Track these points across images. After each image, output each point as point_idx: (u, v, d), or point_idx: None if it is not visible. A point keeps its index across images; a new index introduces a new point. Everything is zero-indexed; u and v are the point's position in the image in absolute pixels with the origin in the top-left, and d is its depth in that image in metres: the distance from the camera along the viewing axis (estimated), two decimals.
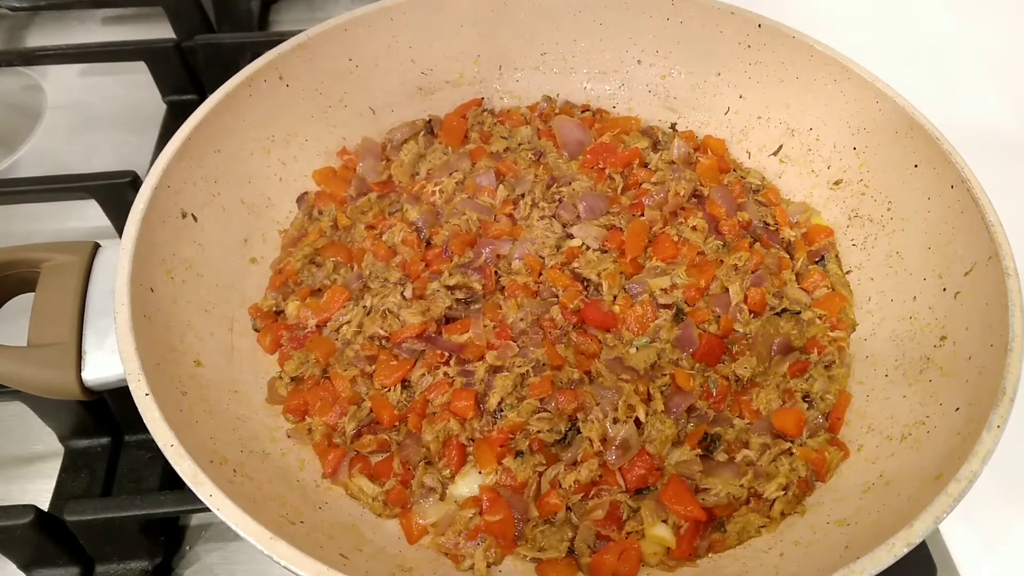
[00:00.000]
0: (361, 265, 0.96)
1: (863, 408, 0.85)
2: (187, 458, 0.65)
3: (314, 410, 0.85)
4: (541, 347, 0.86)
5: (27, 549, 0.79)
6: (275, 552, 0.61)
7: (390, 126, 1.12)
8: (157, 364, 0.74)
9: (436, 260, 0.95)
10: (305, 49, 1.01)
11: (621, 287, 0.92)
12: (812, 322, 0.92)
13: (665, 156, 1.06)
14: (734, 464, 0.81)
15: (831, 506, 0.77)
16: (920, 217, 0.90)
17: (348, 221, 1.01)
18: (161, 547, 0.84)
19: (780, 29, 1.02)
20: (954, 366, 0.78)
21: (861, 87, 0.96)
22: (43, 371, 0.75)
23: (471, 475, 0.81)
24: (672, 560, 0.76)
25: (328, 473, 0.82)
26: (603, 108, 1.16)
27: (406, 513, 0.79)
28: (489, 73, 1.15)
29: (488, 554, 0.76)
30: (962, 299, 0.82)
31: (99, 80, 1.40)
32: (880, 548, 0.61)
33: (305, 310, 0.92)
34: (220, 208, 0.94)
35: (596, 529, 0.77)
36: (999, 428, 0.67)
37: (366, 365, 0.87)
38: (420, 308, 0.89)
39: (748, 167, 1.10)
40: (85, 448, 0.90)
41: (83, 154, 1.28)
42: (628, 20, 1.11)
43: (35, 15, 1.52)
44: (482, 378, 0.84)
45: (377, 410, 0.85)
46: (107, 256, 0.83)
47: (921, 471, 0.71)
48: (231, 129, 0.95)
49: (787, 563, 0.72)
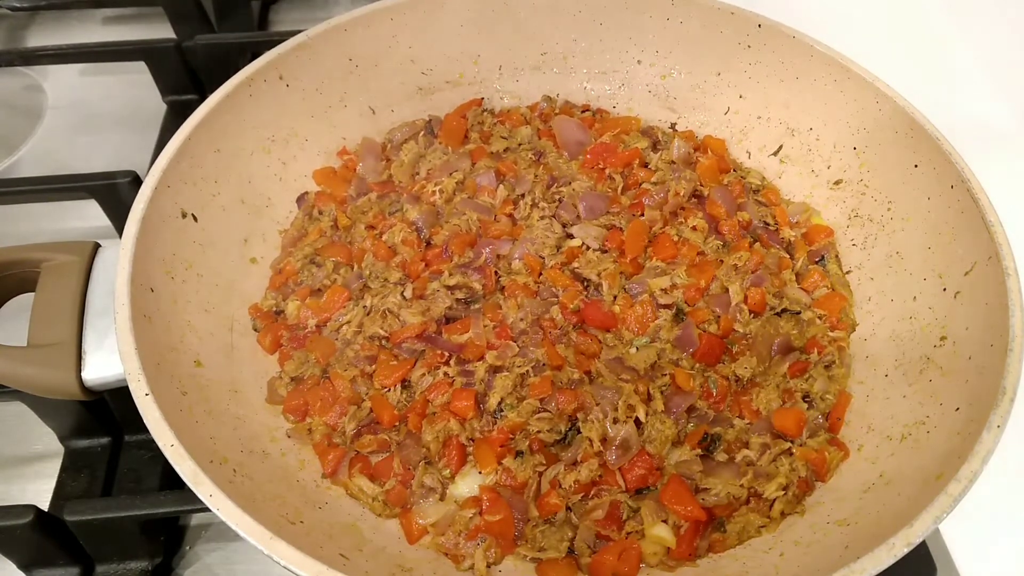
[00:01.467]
0: (361, 265, 0.96)
1: (863, 408, 0.85)
2: (187, 458, 0.65)
3: (314, 410, 0.85)
4: (541, 347, 0.86)
5: (27, 549, 0.79)
6: (275, 552, 0.61)
7: (390, 126, 1.12)
8: (157, 364, 0.74)
9: (436, 260, 0.95)
10: (305, 49, 1.01)
11: (621, 287, 0.92)
12: (812, 322, 0.92)
13: (665, 156, 1.06)
14: (734, 464, 0.80)
15: (831, 506, 0.77)
16: (920, 217, 0.90)
17: (348, 221, 1.01)
18: (161, 547, 0.84)
19: (780, 29, 1.02)
20: (954, 366, 0.78)
21: (861, 87, 0.96)
22: (43, 371, 0.75)
23: (471, 475, 0.81)
24: (672, 560, 0.76)
25: (328, 473, 0.82)
26: (603, 108, 1.16)
27: (406, 513, 0.79)
28: (489, 73, 1.16)
29: (488, 554, 0.76)
30: (962, 299, 0.82)
31: (99, 80, 1.40)
32: (880, 548, 0.61)
33: (305, 310, 0.92)
34: (220, 208, 0.94)
35: (596, 529, 0.77)
36: (999, 428, 0.67)
37: (366, 365, 0.87)
38: (420, 308, 0.89)
39: (748, 167, 1.10)
40: (85, 448, 0.90)
41: (83, 154, 1.28)
42: (628, 20, 1.11)
43: (35, 15, 1.52)
44: (482, 378, 0.84)
45: (377, 410, 0.85)
46: (107, 256, 0.83)
47: (921, 471, 0.71)
48: (231, 129, 0.95)
49: (787, 563, 0.72)
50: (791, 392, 0.87)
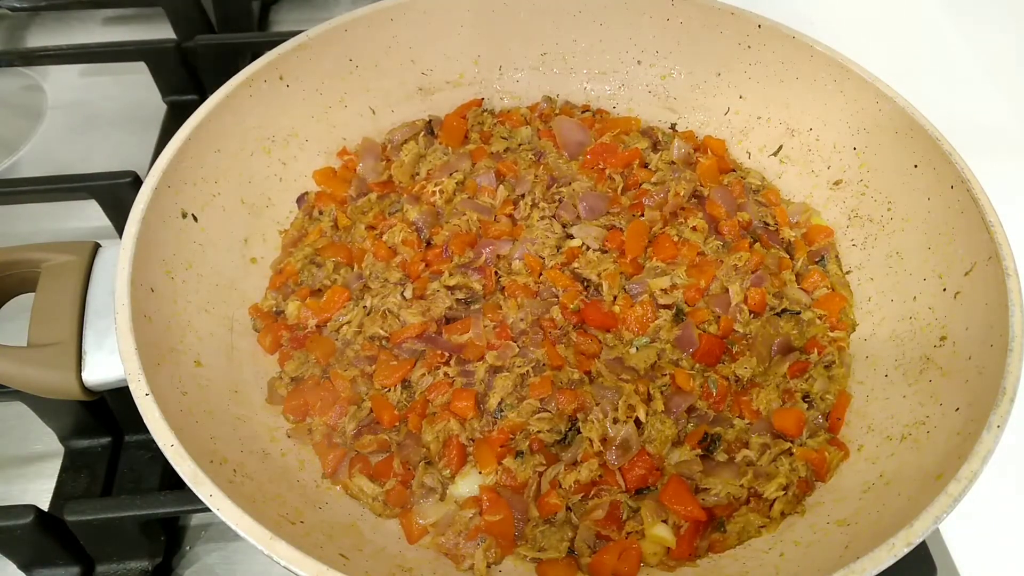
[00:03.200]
0: (361, 265, 0.96)
1: (863, 408, 0.85)
2: (187, 458, 0.65)
3: (314, 410, 0.85)
4: (541, 347, 0.86)
5: (27, 549, 0.79)
6: (275, 552, 0.61)
7: (390, 126, 1.12)
8: (157, 364, 0.74)
9: (436, 260, 0.95)
10: (305, 49, 1.01)
11: (621, 287, 0.92)
12: (812, 322, 0.92)
13: (665, 156, 1.06)
14: (734, 464, 0.80)
15: (831, 506, 0.77)
16: (920, 217, 0.90)
17: (348, 221, 1.02)
18: (161, 547, 0.84)
19: (780, 29, 1.02)
20: (954, 366, 0.78)
21: (861, 87, 0.97)
22: (43, 371, 0.75)
23: (471, 475, 0.81)
24: (672, 560, 0.76)
25: (328, 473, 0.82)
26: (603, 108, 1.16)
27: (406, 513, 0.79)
28: (489, 73, 1.16)
29: (488, 554, 0.76)
30: (962, 299, 0.82)
31: (100, 80, 1.40)
32: (880, 548, 0.61)
33: (305, 310, 0.92)
34: (220, 208, 0.94)
35: (596, 529, 0.77)
36: (999, 428, 0.67)
37: (366, 365, 0.87)
38: (420, 308, 0.89)
39: (748, 167, 1.10)
40: (85, 448, 0.90)
41: (83, 154, 1.28)
42: (628, 20, 1.11)
43: (35, 15, 1.52)
44: (482, 378, 0.84)
45: (377, 411, 0.85)
46: (107, 256, 0.83)
47: (921, 471, 0.71)
48: (231, 129, 0.95)
49: (787, 563, 0.72)
50: (791, 392, 0.87)
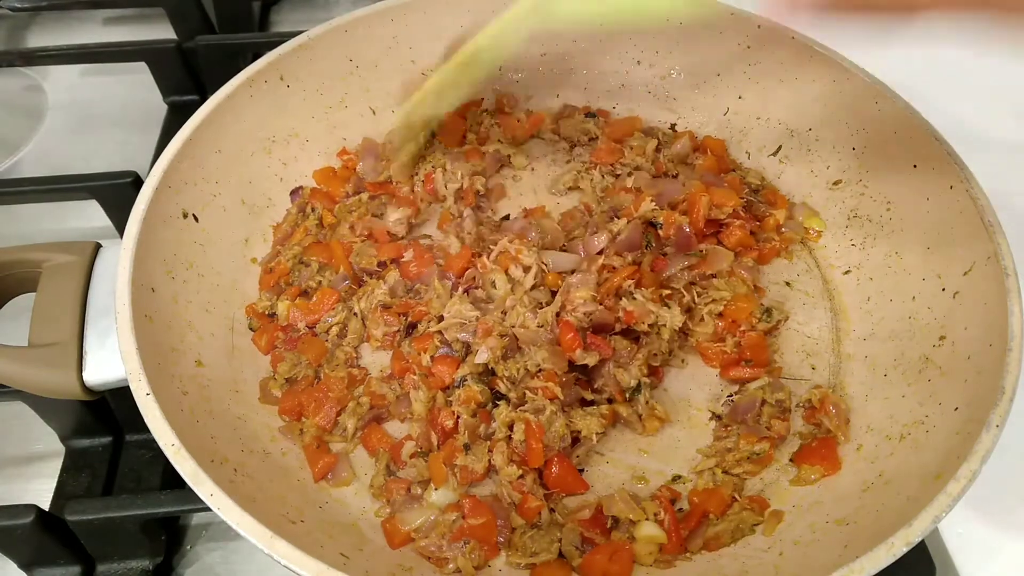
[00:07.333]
0: (345, 266, 0.95)
1: (863, 408, 0.85)
2: (188, 458, 0.65)
3: (307, 412, 0.85)
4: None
5: (28, 549, 0.79)
6: (276, 551, 0.61)
7: (390, 126, 1.12)
8: (158, 364, 0.74)
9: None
10: (306, 50, 1.01)
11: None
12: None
13: (665, 156, 1.06)
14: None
15: (831, 505, 0.77)
16: (919, 217, 0.90)
17: (334, 219, 1.01)
18: (162, 546, 0.84)
19: (780, 30, 1.02)
20: (953, 366, 0.79)
21: (861, 87, 0.97)
22: (44, 371, 0.75)
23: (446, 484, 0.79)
24: (666, 555, 0.76)
25: (317, 478, 0.81)
26: (603, 109, 1.16)
27: (389, 519, 0.78)
28: (488, 73, 1.15)
29: (472, 557, 0.74)
30: (961, 299, 0.82)
31: (100, 80, 1.40)
32: (879, 547, 0.61)
33: (295, 311, 0.92)
34: (221, 208, 0.94)
35: (580, 530, 0.76)
36: (998, 427, 0.67)
37: (356, 368, 0.88)
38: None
39: (748, 167, 1.10)
40: (86, 448, 0.90)
41: (84, 154, 1.28)
42: (628, 20, 1.11)
43: (36, 15, 1.52)
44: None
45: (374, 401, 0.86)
46: (108, 256, 0.83)
47: (920, 470, 0.71)
48: (232, 129, 0.95)
49: (786, 562, 0.72)
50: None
